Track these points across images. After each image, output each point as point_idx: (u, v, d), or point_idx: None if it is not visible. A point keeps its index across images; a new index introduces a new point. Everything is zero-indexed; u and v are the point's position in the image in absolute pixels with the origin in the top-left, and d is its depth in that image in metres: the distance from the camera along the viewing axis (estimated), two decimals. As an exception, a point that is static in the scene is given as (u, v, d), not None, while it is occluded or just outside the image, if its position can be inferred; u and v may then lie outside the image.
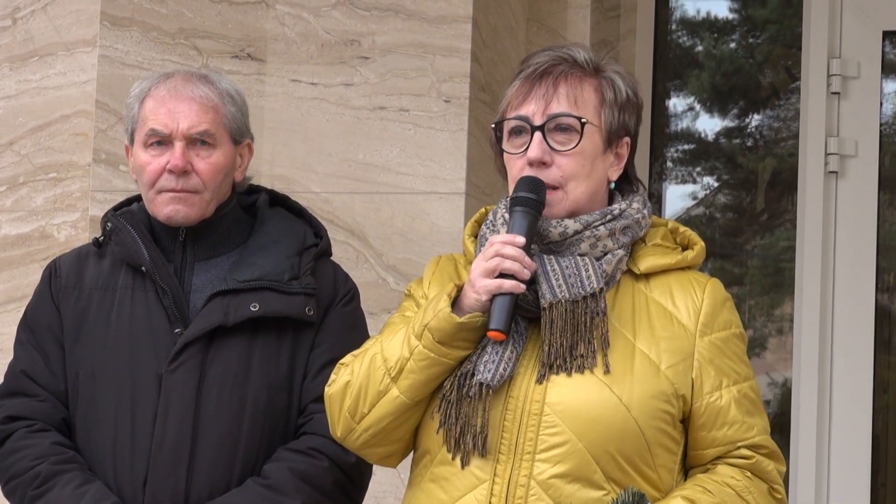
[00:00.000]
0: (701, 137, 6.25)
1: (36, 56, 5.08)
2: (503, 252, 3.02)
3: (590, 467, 3.03)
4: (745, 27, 6.21)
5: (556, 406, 3.04)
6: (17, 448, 3.54)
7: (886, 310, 5.72)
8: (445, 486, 3.11)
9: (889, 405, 5.72)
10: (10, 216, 5.04)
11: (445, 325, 3.04)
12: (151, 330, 3.55)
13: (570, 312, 3.06)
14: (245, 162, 3.70)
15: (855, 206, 5.60)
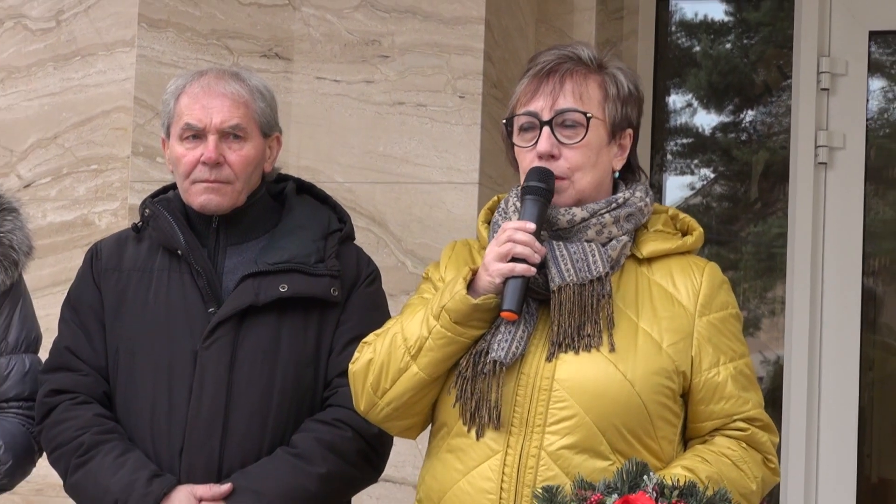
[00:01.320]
0: (698, 132, 6.24)
1: (78, 56, 5.08)
2: (515, 238, 3.03)
3: (596, 439, 3.04)
4: (740, 29, 6.20)
5: (564, 382, 3.05)
6: (62, 419, 3.55)
7: (872, 292, 5.71)
8: (461, 457, 3.11)
9: (874, 381, 5.71)
10: (55, 205, 5.04)
11: (461, 307, 3.05)
12: (186, 309, 3.55)
13: (578, 295, 3.07)
14: (274, 154, 3.69)
15: (843, 196, 5.60)
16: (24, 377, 3.70)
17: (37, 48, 5.16)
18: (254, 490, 3.42)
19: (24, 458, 3.67)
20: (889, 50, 5.85)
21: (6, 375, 3.68)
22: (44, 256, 4.57)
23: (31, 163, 5.12)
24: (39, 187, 5.08)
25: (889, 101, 5.95)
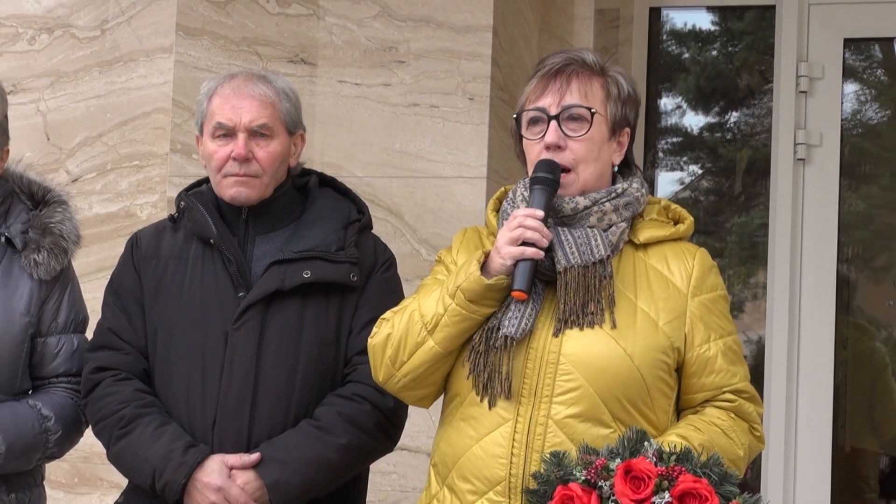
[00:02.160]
0: (687, 131, 6.23)
1: (121, 62, 5.08)
2: (526, 223, 3.04)
3: (599, 409, 3.04)
4: (725, 37, 6.18)
5: (570, 356, 3.05)
6: (105, 394, 3.55)
7: (846, 278, 5.70)
8: (474, 425, 3.11)
9: (848, 359, 5.69)
10: (100, 198, 5.04)
11: (475, 286, 3.05)
12: (218, 293, 3.55)
13: (582, 276, 3.08)
14: (298, 150, 3.69)
15: (819, 190, 5.59)
16: (73, 355, 3.70)
17: (83, 55, 5.15)
18: (280, 459, 3.41)
19: (72, 428, 3.67)
20: (862, 56, 5.84)
21: (56, 353, 3.69)
22: (90, 245, 4.56)
23: (78, 159, 5.12)
24: (86, 181, 5.07)
25: (862, 103, 5.95)
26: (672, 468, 2.86)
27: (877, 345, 5.87)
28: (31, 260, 3.62)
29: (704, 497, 2.83)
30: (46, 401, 3.62)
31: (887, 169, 5.89)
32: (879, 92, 5.94)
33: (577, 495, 2.86)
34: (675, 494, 2.84)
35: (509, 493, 3.05)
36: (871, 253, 5.94)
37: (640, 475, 2.85)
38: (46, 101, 5.19)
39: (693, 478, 2.85)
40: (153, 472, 3.42)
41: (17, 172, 3.74)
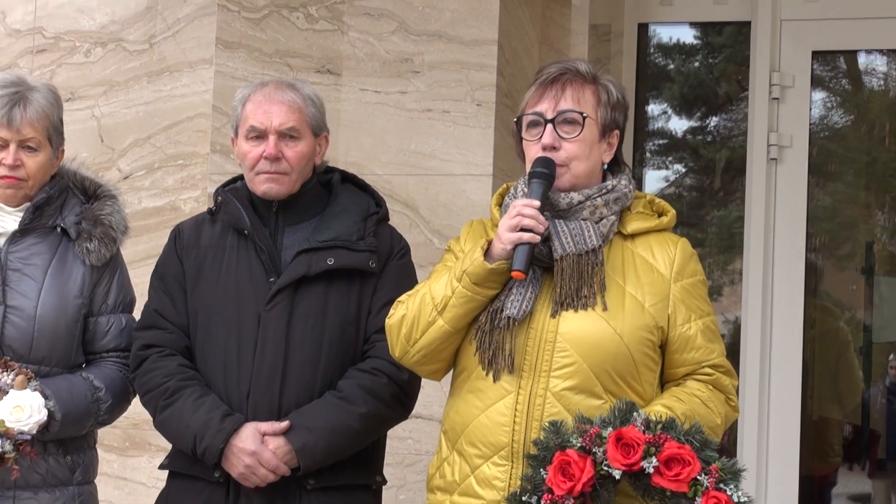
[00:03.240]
0: (672, 134, 6.22)
1: (167, 72, 5.08)
2: (523, 212, 3.04)
3: (592, 382, 3.06)
4: (706, 50, 6.17)
5: (566, 335, 3.06)
6: (151, 368, 3.55)
7: (814, 265, 5.70)
8: (480, 396, 3.12)
9: (815, 337, 5.69)
10: (148, 193, 5.04)
11: (479, 270, 3.06)
12: (252, 279, 3.54)
13: (576, 263, 3.09)
14: (323, 150, 3.68)
15: (790, 186, 5.58)
16: (121, 333, 3.71)
17: (133, 66, 5.15)
18: (307, 427, 3.41)
19: (121, 398, 3.68)
20: (828, 67, 5.83)
21: (106, 331, 3.70)
22: (139, 235, 4.59)
23: (129, 159, 5.12)
24: (136, 179, 5.07)
25: (828, 109, 5.95)
26: (658, 436, 2.87)
27: (841, 324, 5.87)
28: (83, 248, 3.64)
29: (687, 462, 2.84)
30: (98, 373, 3.63)
31: (851, 168, 5.88)
32: (844, 99, 5.94)
33: (574, 460, 2.86)
34: (661, 459, 2.85)
35: (512, 457, 3.06)
36: (837, 243, 5.94)
37: (630, 442, 2.86)
38: (101, 108, 5.18)
39: (677, 444, 2.87)
40: (194, 438, 3.43)
41: (71, 169, 3.77)
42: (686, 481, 2.83)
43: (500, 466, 3.07)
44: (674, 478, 2.83)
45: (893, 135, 5.95)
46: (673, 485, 2.83)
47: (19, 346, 3.52)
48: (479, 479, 3.11)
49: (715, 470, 2.85)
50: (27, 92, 3.58)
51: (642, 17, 5.85)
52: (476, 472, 3.11)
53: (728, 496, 2.84)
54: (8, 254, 3.57)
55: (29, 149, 3.57)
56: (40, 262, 3.60)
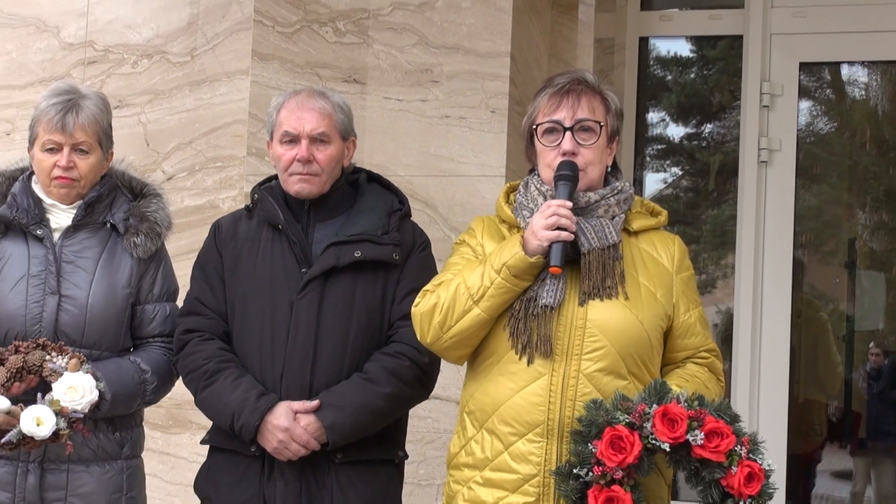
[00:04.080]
0: (670, 140, 6.20)
1: (207, 82, 5.07)
2: (560, 212, 3.06)
3: (619, 364, 3.08)
4: (701, 62, 6.15)
5: (595, 322, 3.09)
6: (193, 351, 3.56)
7: (800, 261, 5.67)
8: (513, 379, 3.12)
9: (802, 326, 5.67)
10: (190, 193, 5.04)
11: (521, 264, 3.08)
12: (285, 270, 3.54)
13: (600, 256, 3.11)
14: (350, 152, 3.69)
15: (779, 187, 5.56)
16: (166, 319, 3.71)
17: (176, 76, 5.15)
18: (336, 405, 3.42)
19: (165, 379, 3.69)
20: (814, 77, 5.81)
21: (152, 318, 3.70)
22: (181, 231, 4.58)
23: (172, 161, 5.12)
24: (178, 179, 5.07)
25: (814, 116, 5.93)
26: (699, 411, 2.92)
27: (825, 315, 5.85)
28: (131, 242, 3.65)
29: (725, 434, 2.90)
30: (144, 357, 3.64)
31: (835, 171, 5.86)
32: (828, 107, 5.92)
33: (625, 435, 2.89)
34: (705, 432, 2.89)
35: (546, 434, 3.07)
36: (821, 240, 5.92)
37: (674, 417, 2.91)
38: (146, 115, 5.18)
39: (714, 419, 2.91)
40: (232, 416, 3.44)
41: (119, 170, 3.78)
42: (724, 452, 2.89)
43: (535, 443, 3.07)
44: (714, 449, 2.89)
45: (874, 140, 5.93)
46: (713, 455, 2.89)
47: (72, 332, 3.53)
48: (513, 455, 3.10)
49: (747, 441, 2.92)
50: (79, 99, 3.59)
51: (643, 31, 5.84)
52: (510, 449, 3.11)
53: (759, 464, 2.90)
54: (62, 248, 3.58)
55: (81, 152, 3.57)
56: (92, 255, 3.61)
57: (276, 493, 3.44)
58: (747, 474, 2.88)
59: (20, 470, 3.52)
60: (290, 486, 3.44)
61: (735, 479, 2.87)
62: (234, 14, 5.04)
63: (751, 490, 2.87)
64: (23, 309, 3.52)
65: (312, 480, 3.45)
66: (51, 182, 3.58)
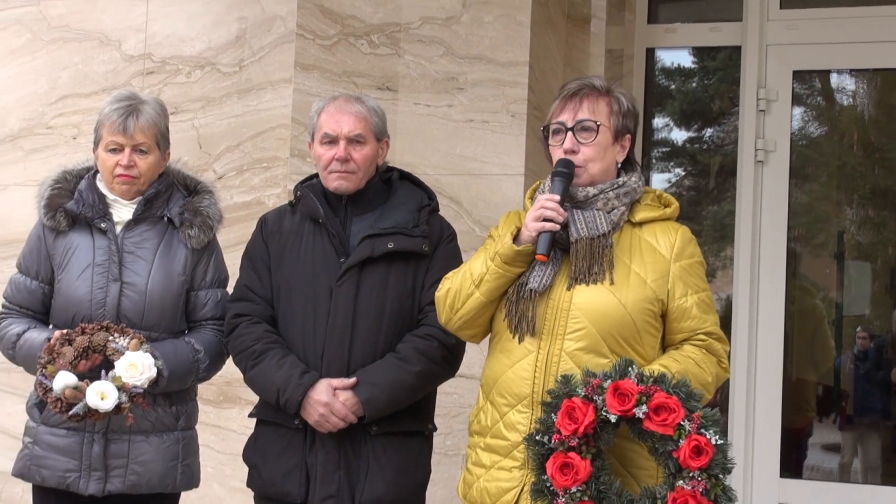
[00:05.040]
0: (674, 143, 6.18)
1: (253, 90, 5.08)
2: (545, 205, 3.06)
3: (600, 344, 3.05)
4: (703, 72, 6.12)
5: (579, 305, 3.06)
6: (242, 334, 3.56)
7: (793, 251, 5.64)
8: (508, 355, 3.13)
9: (795, 312, 5.63)
10: (239, 191, 5.05)
11: (509, 252, 3.09)
12: (325, 259, 3.54)
13: (589, 245, 3.09)
14: (384, 152, 3.68)
15: (774, 185, 5.53)
16: (217, 304, 3.72)
17: (226, 85, 5.16)
18: (371, 382, 3.42)
19: (216, 358, 3.70)
20: (806, 84, 5.77)
21: (205, 303, 3.71)
22: (231, 225, 4.58)
23: (222, 162, 5.13)
24: (228, 178, 5.08)
25: (806, 120, 5.89)
26: (649, 388, 2.87)
27: (816, 301, 5.82)
28: (186, 234, 3.66)
29: (673, 409, 2.84)
30: (198, 338, 3.65)
31: (825, 171, 5.82)
32: (819, 112, 5.89)
33: (578, 406, 2.87)
34: (651, 407, 2.85)
35: (532, 405, 3.07)
36: (813, 234, 5.88)
37: (625, 392, 2.87)
38: (199, 120, 5.19)
39: (665, 395, 2.87)
40: (277, 392, 3.44)
41: (175, 169, 3.79)
42: (672, 426, 2.83)
43: (522, 413, 3.08)
44: (661, 423, 2.83)
45: (861, 143, 5.89)
46: (660, 428, 2.83)
47: (133, 315, 3.54)
48: (506, 424, 3.11)
49: (697, 417, 2.84)
50: (139, 105, 3.60)
51: (650, 42, 5.82)
52: (504, 419, 3.12)
53: (707, 439, 2.82)
54: (124, 239, 3.60)
55: (140, 152, 3.59)
56: (150, 245, 3.62)
57: (318, 462, 3.45)
58: (693, 447, 2.80)
59: (86, 440, 3.54)
60: (330, 456, 3.44)
61: (682, 452, 2.81)
62: (278, 28, 5.04)
63: (698, 463, 2.80)
64: (88, 295, 3.54)
65: (350, 450, 3.45)
66: (113, 179, 3.59)
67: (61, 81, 5.47)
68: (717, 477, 2.83)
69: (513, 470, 3.09)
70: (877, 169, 5.81)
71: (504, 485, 3.09)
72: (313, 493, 3.44)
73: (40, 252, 3.63)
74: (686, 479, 2.82)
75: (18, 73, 5.55)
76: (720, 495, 2.84)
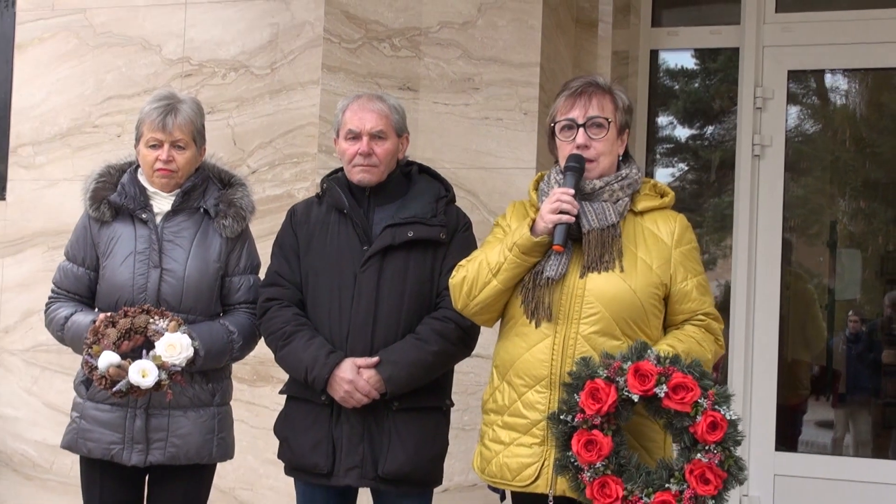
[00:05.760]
0: (678, 140, 6.14)
1: (284, 90, 5.09)
2: (561, 198, 3.05)
3: (612, 327, 3.05)
4: (705, 73, 6.09)
5: (592, 291, 3.06)
6: (273, 316, 3.57)
7: (788, 240, 5.62)
8: (525, 339, 3.13)
9: (790, 297, 5.61)
10: (270, 184, 5.06)
11: (527, 243, 3.08)
12: (350, 247, 3.54)
13: (600, 235, 3.08)
14: (404, 147, 3.68)
15: (770, 178, 5.51)
16: (250, 289, 3.72)
17: (258, 86, 5.17)
18: (393, 361, 3.43)
19: (249, 339, 3.70)
20: (801, 84, 5.74)
21: (238, 288, 3.72)
22: (263, 216, 4.61)
23: (255, 158, 5.14)
24: (261, 173, 5.09)
25: (800, 118, 5.85)
26: (668, 368, 2.88)
27: (810, 287, 5.79)
28: (220, 224, 3.66)
29: (690, 388, 2.85)
30: (232, 320, 3.66)
31: (818, 164, 5.79)
32: (813, 110, 5.86)
33: (602, 387, 2.88)
34: (670, 386, 2.86)
35: (550, 386, 3.07)
36: (807, 224, 5.85)
37: (645, 373, 2.88)
38: (234, 118, 5.20)
39: (682, 375, 2.86)
40: (306, 370, 3.45)
41: (210, 163, 3.80)
42: (689, 403, 2.84)
43: (541, 393, 3.08)
44: (679, 401, 2.85)
45: (852, 138, 5.86)
46: (679, 406, 2.84)
47: (172, 299, 3.56)
48: (524, 403, 3.11)
49: (712, 395, 2.86)
50: (177, 104, 3.61)
51: (653, 44, 5.79)
52: (522, 398, 3.12)
53: (722, 414, 2.84)
54: (163, 229, 3.61)
55: (178, 147, 3.60)
56: (188, 234, 3.63)
57: (343, 435, 3.46)
58: (710, 423, 2.82)
59: (129, 414, 3.56)
60: (355, 429, 3.45)
61: (699, 427, 2.83)
62: (306, 33, 5.05)
63: (714, 437, 2.82)
64: (130, 280, 3.56)
65: (373, 424, 3.46)
66: (153, 173, 3.60)
67: (106, 84, 5.49)
68: (730, 449, 2.86)
69: (532, 446, 3.09)
70: (867, 163, 5.78)
71: (525, 460, 3.10)
72: (339, 464, 3.45)
73: (86, 241, 3.65)
74: (702, 452, 2.84)
75: (67, 76, 5.58)
76: (732, 466, 2.87)
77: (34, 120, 5.63)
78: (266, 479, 4.99)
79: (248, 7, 5.22)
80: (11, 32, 5.73)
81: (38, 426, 5.51)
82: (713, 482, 2.82)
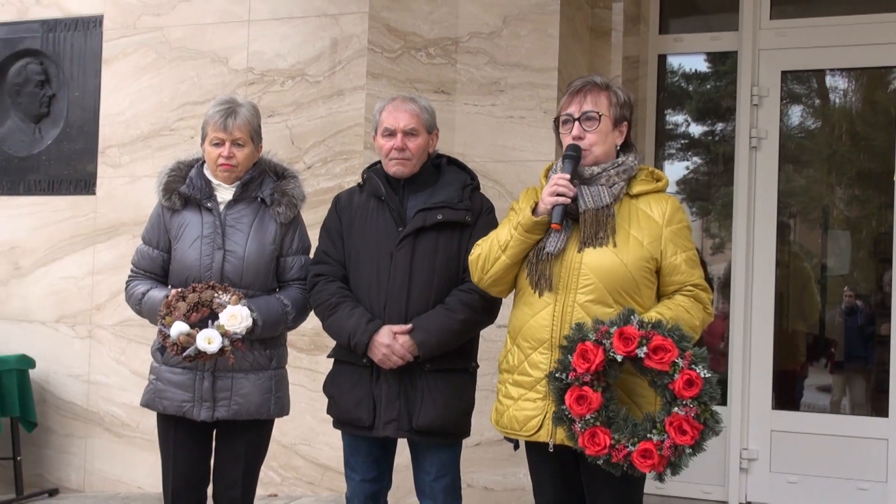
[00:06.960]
0: (690, 135, 6.12)
1: (335, 95, 5.13)
2: (558, 182, 3.06)
3: (605, 296, 3.05)
4: (713, 75, 6.05)
5: (588, 264, 3.06)
6: (320, 290, 3.59)
7: (784, 224, 5.60)
8: (530, 307, 3.14)
9: (786, 275, 5.59)
10: (324, 178, 5.11)
11: (528, 222, 3.10)
12: (387, 230, 3.55)
13: (595, 215, 3.08)
14: (434, 142, 3.67)
15: (766, 168, 5.48)
16: (301, 267, 3.73)
17: (312, 92, 5.21)
18: (424, 328, 3.44)
19: (301, 311, 3.71)
20: (794, 82, 5.70)
21: (292, 267, 3.72)
22: (317, 206, 4.64)
23: (310, 154, 5.18)
24: (315, 168, 5.13)
25: (793, 112, 5.81)
26: (649, 332, 2.87)
27: (805, 264, 5.76)
28: (275, 211, 3.67)
29: (668, 349, 2.85)
30: (286, 294, 3.67)
31: (810, 155, 5.75)
32: (805, 106, 5.82)
33: (590, 348, 2.89)
34: (650, 347, 2.86)
35: (551, 348, 3.08)
36: (802, 209, 5.81)
37: (628, 336, 2.88)
38: (291, 121, 5.25)
39: (662, 338, 2.85)
40: (349, 336, 3.47)
41: (266, 159, 3.79)
42: (667, 363, 2.84)
43: (543, 355, 3.09)
44: (658, 360, 2.85)
45: (844, 131, 5.81)
46: (658, 365, 2.85)
47: (233, 276, 3.59)
48: (530, 364, 3.13)
49: (689, 355, 2.85)
50: (236, 107, 3.64)
51: (661, 50, 5.78)
52: (528, 359, 3.14)
53: (697, 373, 2.84)
54: (225, 216, 3.64)
55: (238, 145, 3.62)
56: (247, 221, 3.65)
57: (382, 393, 3.49)
58: (686, 380, 2.82)
59: (197, 377, 3.61)
60: (392, 388, 3.48)
61: (677, 384, 2.83)
62: (354, 45, 5.09)
63: (690, 393, 2.81)
64: (197, 261, 3.60)
65: (408, 383, 3.48)
66: (217, 168, 3.64)
67: (181, 92, 5.56)
68: (706, 404, 2.85)
69: (536, 401, 3.12)
70: (861, 154, 5.74)
71: (529, 413, 3.13)
72: (379, 418, 3.48)
73: (160, 227, 3.70)
74: (680, 406, 2.84)
75: (147, 86, 5.66)
76: (709, 419, 2.86)
77: (119, 125, 5.73)
78: (323, 437, 5.06)
79: (303, 23, 5.28)
80: (99, 49, 5.84)
81: (126, 391, 5.63)
82: (690, 433, 2.82)
